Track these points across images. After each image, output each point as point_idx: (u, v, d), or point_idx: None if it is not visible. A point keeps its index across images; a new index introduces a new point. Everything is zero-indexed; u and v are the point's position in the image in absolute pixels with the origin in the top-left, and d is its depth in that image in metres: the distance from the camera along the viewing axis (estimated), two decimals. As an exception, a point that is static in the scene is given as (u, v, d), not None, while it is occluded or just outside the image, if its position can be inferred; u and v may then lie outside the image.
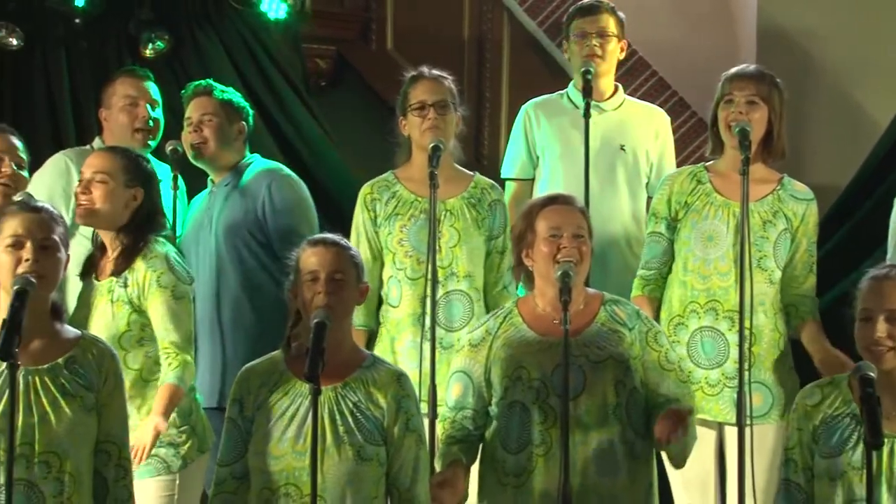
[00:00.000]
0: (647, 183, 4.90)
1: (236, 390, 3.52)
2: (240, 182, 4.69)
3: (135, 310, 3.99)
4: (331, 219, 4.92)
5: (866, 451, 3.25)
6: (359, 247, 4.36)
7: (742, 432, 4.07)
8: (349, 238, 3.61)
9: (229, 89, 4.77)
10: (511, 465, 3.63)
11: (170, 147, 4.71)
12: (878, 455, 3.41)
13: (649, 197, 4.88)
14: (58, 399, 3.27)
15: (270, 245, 4.62)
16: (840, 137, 5.88)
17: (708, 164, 4.46)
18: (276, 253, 4.52)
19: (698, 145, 5.74)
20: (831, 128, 5.90)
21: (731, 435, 4.24)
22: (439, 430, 3.74)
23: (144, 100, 4.80)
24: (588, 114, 4.63)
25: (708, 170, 4.43)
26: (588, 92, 4.68)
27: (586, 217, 3.76)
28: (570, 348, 3.49)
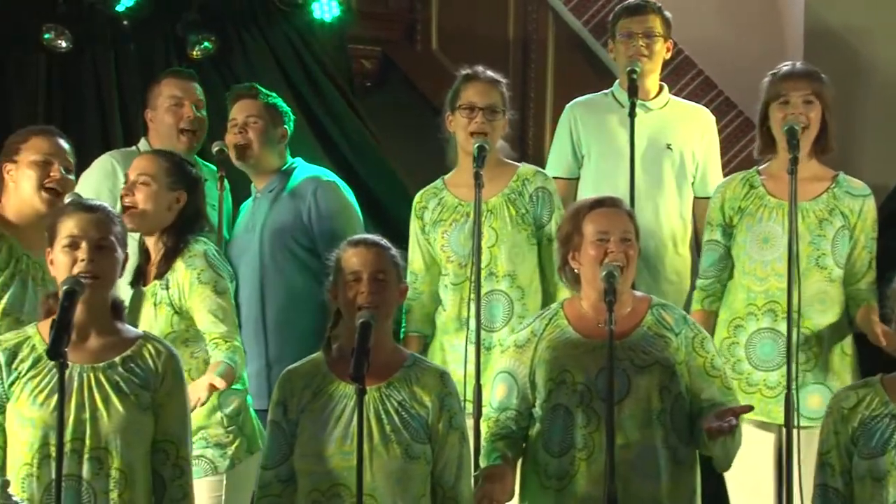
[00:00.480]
0: (693, 182, 4.88)
1: (279, 393, 3.53)
2: (286, 187, 4.71)
3: (176, 311, 4.02)
4: (376, 221, 4.93)
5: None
6: (414, 255, 4.42)
7: (790, 434, 4.04)
8: (398, 242, 3.64)
9: (273, 93, 4.79)
10: (553, 468, 3.62)
11: (216, 148, 4.73)
12: None
13: (696, 197, 4.88)
14: (110, 396, 3.30)
15: (315, 249, 4.64)
16: (889, 137, 5.81)
17: (760, 167, 4.44)
18: (320, 257, 4.53)
19: (744, 145, 5.70)
20: (880, 127, 5.84)
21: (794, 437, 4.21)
22: (484, 429, 3.74)
23: (189, 100, 4.83)
24: (634, 113, 4.62)
25: (760, 173, 4.42)
26: (634, 91, 4.67)
27: (633, 220, 3.75)
28: (614, 350, 3.47)
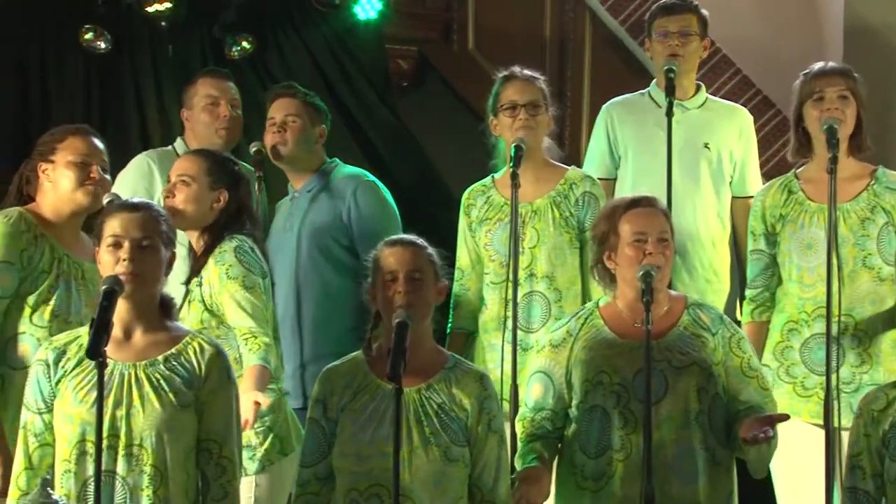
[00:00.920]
0: (731, 182, 4.86)
1: (319, 391, 3.53)
2: (325, 186, 4.72)
3: (207, 308, 4.01)
4: (415, 221, 4.92)
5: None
6: (461, 251, 4.45)
7: (829, 437, 4.01)
8: (438, 242, 3.64)
9: (311, 92, 4.80)
10: (590, 469, 3.61)
11: (254, 148, 4.74)
12: None
13: (733, 196, 4.85)
14: (149, 394, 3.31)
15: (353, 248, 4.65)
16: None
17: (798, 170, 4.41)
18: (358, 256, 4.55)
19: (783, 144, 5.65)
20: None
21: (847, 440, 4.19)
22: (518, 429, 3.73)
23: (225, 99, 4.84)
24: (671, 112, 4.59)
25: (798, 177, 4.38)
26: (671, 90, 4.64)
27: (669, 219, 3.73)
28: (651, 351, 3.45)
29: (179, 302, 4.08)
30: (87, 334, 3.34)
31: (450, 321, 4.52)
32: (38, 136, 4.13)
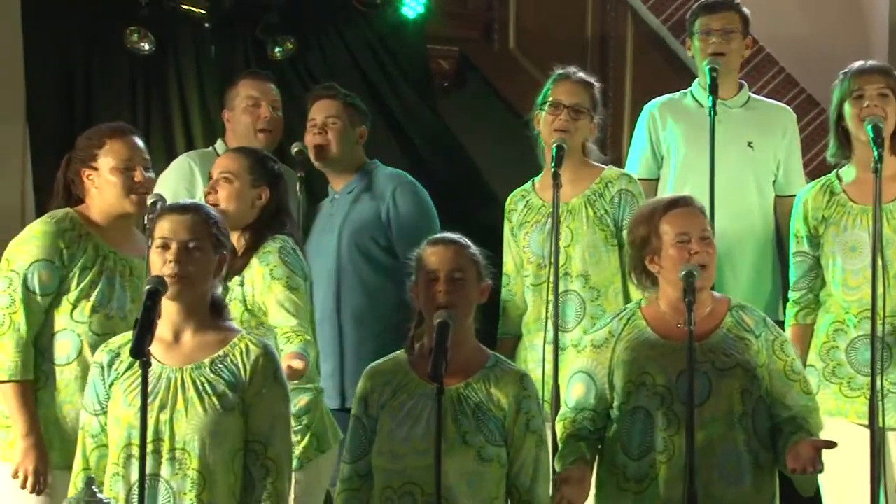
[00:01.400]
0: (775, 181, 4.83)
1: (361, 388, 3.55)
2: (367, 187, 4.73)
3: (247, 308, 4.03)
4: (457, 222, 4.92)
5: None
6: (506, 257, 4.49)
7: (874, 437, 3.98)
8: (481, 242, 3.65)
9: (352, 94, 4.81)
10: (632, 470, 3.59)
11: (295, 149, 4.76)
12: None
13: (777, 195, 4.82)
14: (193, 399, 3.32)
15: (391, 248, 4.66)
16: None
17: (840, 171, 4.37)
18: (397, 257, 4.55)
19: (827, 143, 5.64)
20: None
21: (892, 441, 4.16)
22: (559, 429, 3.72)
23: (266, 100, 4.86)
24: (714, 111, 4.57)
25: (839, 178, 4.34)
26: (714, 89, 4.63)
27: (707, 217, 3.72)
28: (694, 352, 3.44)
29: None
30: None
31: (499, 327, 4.53)
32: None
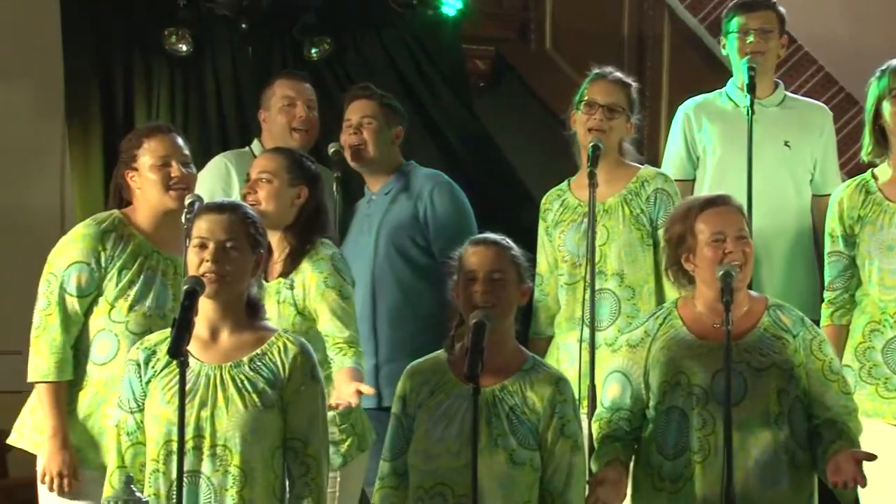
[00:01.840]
0: (812, 180, 4.81)
1: (401, 387, 3.56)
2: (404, 187, 4.74)
3: (299, 312, 4.07)
4: (493, 222, 4.92)
5: None
6: (540, 257, 4.47)
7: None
8: (519, 242, 3.65)
9: (388, 94, 4.82)
10: (668, 470, 3.58)
11: (332, 149, 4.77)
12: None
13: (814, 195, 4.80)
14: (233, 396, 3.35)
15: (428, 248, 4.67)
16: None
17: (875, 169, 4.34)
18: (434, 257, 4.56)
19: (865, 142, 5.61)
20: None
21: None
22: (594, 429, 3.72)
23: (302, 100, 4.87)
24: (752, 110, 4.56)
25: (875, 177, 4.31)
26: (752, 88, 4.61)
27: (745, 216, 3.70)
28: (731, 352, 3.43)
29: None
30: None
31: (531, 327, 4.52)
32: (123, 138, 4.20)
